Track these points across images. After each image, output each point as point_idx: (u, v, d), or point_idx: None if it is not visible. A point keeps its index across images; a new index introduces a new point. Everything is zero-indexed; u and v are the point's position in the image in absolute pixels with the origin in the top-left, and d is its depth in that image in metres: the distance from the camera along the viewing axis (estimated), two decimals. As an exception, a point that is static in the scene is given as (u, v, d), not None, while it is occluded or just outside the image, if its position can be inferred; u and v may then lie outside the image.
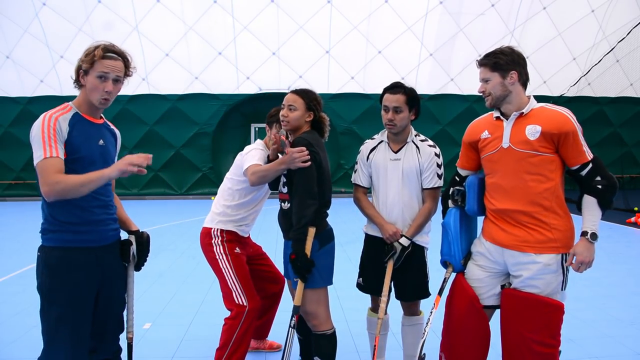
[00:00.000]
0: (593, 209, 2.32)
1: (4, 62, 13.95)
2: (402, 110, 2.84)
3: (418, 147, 2.91)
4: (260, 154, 3.02)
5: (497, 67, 2.37)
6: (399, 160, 2.90)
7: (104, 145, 2.34)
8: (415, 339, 3.00)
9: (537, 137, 2.31)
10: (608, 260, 6.47)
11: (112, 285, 2.38)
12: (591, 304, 4.62)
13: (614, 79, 15.12)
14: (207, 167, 15.01)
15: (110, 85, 2.28)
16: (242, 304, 3.08)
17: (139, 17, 13.56)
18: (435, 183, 2.89)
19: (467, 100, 14.52)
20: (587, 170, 2.32)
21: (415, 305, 3.04)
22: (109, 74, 2.26)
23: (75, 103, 2.32)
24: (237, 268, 3.15)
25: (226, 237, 3.22)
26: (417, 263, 2.93)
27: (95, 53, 2.25)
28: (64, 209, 2.19)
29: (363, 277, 3.04)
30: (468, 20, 14.08)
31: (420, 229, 2.89)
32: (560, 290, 2.36)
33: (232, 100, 14.67)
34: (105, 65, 2.26)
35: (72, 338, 2.19)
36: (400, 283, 2.94)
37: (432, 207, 2.90)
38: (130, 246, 2.49)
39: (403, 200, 2.89)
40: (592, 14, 14.47)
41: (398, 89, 2.88)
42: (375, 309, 3.06)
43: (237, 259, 3.18)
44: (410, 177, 2.89)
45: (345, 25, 13.96)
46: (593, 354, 3.53)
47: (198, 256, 3.13)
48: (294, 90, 2.82)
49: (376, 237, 2.97)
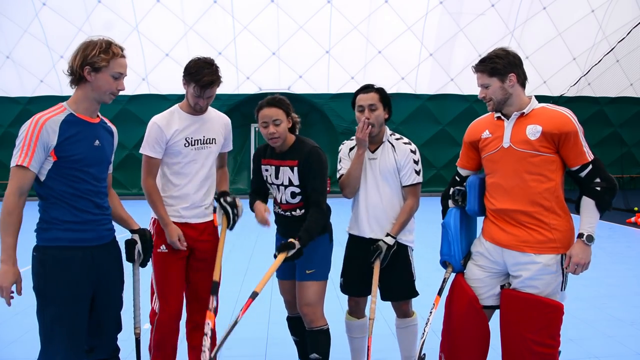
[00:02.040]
0: (591, 210, 2.31)
1: (4, 62, 13.96)
2: (377, 107, 2.87)
3: (394, 145, 2.93)
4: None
5: (495, 72, 2.37)
6: (376, 159, 2.92)
7: (100, 146, 2.29)
8: (410, 340, 3.01)
9: (538, 137, 2.30)
10: (608, 260, 6.47)
11: (109, 284, 2.37)
12: (591, 304, 4.61)
13: (614, 79, 15.11)
14: (207, 167, 15.01)
15: (123, 84, 2.27)
16: (154, 310, 2.81)
17: (139, 17, 13.57)
18: (414, 179, 2.90)
19: (467, 100, 14.51)
20: (586, 171, 2.32)
21: (406, 306, 3.02)
22: (124, 74, 2.25)
23: (70, 103, 2.24)
24: (157, 269, 2.78)
25: (155, 229, 2.82)
26: (402, 262, 2.93)
27: (114, 51, 2.20)
28: (60, 209, 2.18)
29: (345, 277, 3.03)
30: (468, 20, 14.08)
31: (404, 226, 2.89)
32: (560, 291, 2.36)
33: (232, 100, 14.66)
34: (121, 64, 2.24)
35: (68, 338, 2.18)
36: (385, 284, 2.92)
37: (413, 204, 2.91)
38: (135, 245, 2.49)
39: (384, 200, 2.90)
40: (592, 14, 14.47)
41: (370, 89, 2.92)
42: (353, 312, 3.04)
43: (159, 258, 2.77)
44: (388, 176, 2.90)
45: (345, 25, 13.96)
46: (593, 354, 3.52)
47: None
48: (269, 103, 2.74)
49: (359, 237, 2.97)
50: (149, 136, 2.75)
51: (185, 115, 2.79)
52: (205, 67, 2.66)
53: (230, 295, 4.89)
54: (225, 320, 4.22)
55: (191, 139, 2.77)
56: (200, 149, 2.81)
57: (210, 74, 2.66)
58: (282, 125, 2.72)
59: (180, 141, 2.75)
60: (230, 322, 2.43)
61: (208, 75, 2.65)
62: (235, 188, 14.85)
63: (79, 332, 2.23)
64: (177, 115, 2.79)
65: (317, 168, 2.75)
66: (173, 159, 2.78)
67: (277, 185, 2.84)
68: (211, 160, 2.88)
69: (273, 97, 2.78)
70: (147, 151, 2.75)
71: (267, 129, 2.72)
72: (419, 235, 3.12)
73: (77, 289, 2.21)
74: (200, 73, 2.65)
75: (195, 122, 2.81)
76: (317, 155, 2.76)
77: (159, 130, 2.73)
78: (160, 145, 2.74)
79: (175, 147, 2.75)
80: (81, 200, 2.21)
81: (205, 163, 2.84)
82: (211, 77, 2.66)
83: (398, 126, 14.47)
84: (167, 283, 2.78)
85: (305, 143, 2.81)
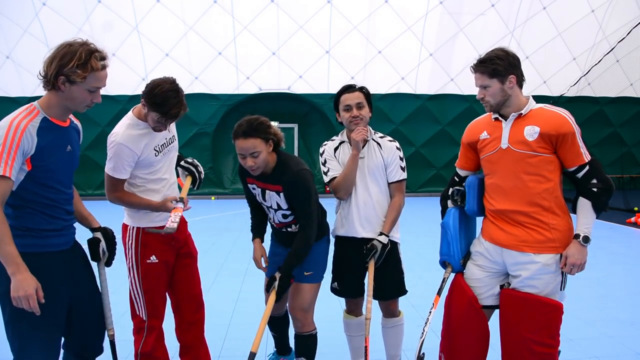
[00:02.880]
0: (587, 211, 2.32)
1: (4, 62, 13.95)
2: (363, 105, 2.90)
3: (379, 143, 2.95)
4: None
5: (496, 74, 2.36)
6: (363, 158, 2.92)
7: (71, 151, 2.20)
8: (397, 339, 3.03)
9: (536, 138, 2.31)
10: (608, 260, 6.47)
11: (84, 284, 2.33)
12: (591, 304, 4.61)
13: (614, 79, 15.10)
14: (207, 167, 15.00)
15: (100, 97, 2.11)
16: (142, 318, 2.72)
17: (139, 17, 13.56)
18: (400, 176, 2.94)
19: (467, 100, 14.50)
20: (583, 172, 2.33)
21: (394, 305, 3.03)
22: (102, 87, 2.10)
23: (42, 106, 2.10)
24: (147, 280, 2.69)
25: (141, 240, 2.68)
26: (393, 260, 2.94)
27: (93, 66, 2.03)
28: (34, 217, 2.09)
29: (338, 280, 3.03)
30: (468, 20, 14.08)
31: (395, 223, 2.91)
32: (559, 291, 2.37)
33: (232, 100, 14.67)
34: (99, 78, 2.07)
35: (47, 344, 2.12)
36: (377, 283, 2.91)
37: (400, 200, 2.94)
38: (99, 243, 2.41)
39: (372, 198, 2.92)
40: (592, 14, 14.46)
41: (354, 88, 2.93)
42: (352, 310, 3.05)
43: (150, 268, 2.68)
44: (376, 174, 2.92)
45: (345, 25, 13.95)
46: (593, 354, 3.52)
47: (200, 255, 3.11)
48: (245, 133, 2.55)
49: (347, 237, 2.97)
50: (118, 159, 2.54)
51: (145, 125, 2.60)
52: (172, 96, 2.47)
53: (231, 295, 4.90)
54: (225, 319, 4.25)
55: (159, 146, 2.67)
56: (167, 152, 2.74)
57: (177, 106, 2.49)
58: (261, 156, 2.58)
59: (150, 153, 2.63)
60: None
61: (175, 108, 2.49)
62: (235, 188, 14.87)
63: (57, 338, 2.18)
64: (138, 129, 2.59)
65: (302, 194, 2.66)
66: (146, 170, 2.67)
67: (267, 206, 2.84)
68: (174, 157, 2.86)
69: (249, 123, 2.58)
70: (117, 174, 2.57)
71: (245, 161, 2.60)
72: (419, 235, 3.13)
73: (55, 294, 2.11)
74: (167, 105, 2.47)
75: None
76: (301, 180, 2.65)
77: (131, 153, 2.55)
78: (131, 165, 2.59)
79: (147, 160, 2.63)
80: (54, 208, 2.15)
81: (172, 162, 2.83)
82: (178, 110, 2.50)
83: (398, 126, 14.49)
84: (158, 291, 2.75)
85: (288, 167, 2.68)
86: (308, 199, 2.67)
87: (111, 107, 12.85)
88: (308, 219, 2.68)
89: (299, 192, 2.67)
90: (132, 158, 2.56)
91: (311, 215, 2.69)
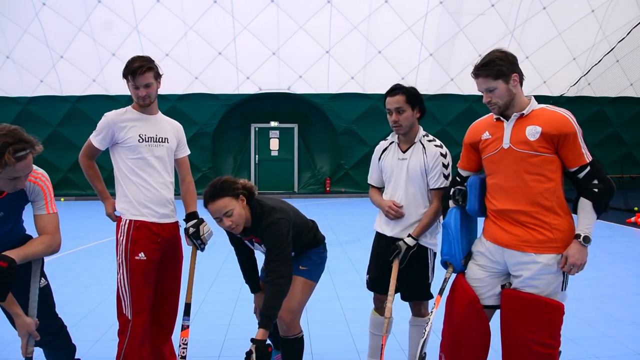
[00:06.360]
0: (588, 212, 2.31)
1: (4, 62, 13.94)
2: (404, 110, 2.88)
3: (424, 146, 2.94)
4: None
5: (500, 75, 2.36)
6: (406, 160, 2.94)
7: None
8: (417, 339, 3.01)
9: (537, 138, 2.31)
10: (608, 260, 6.48)
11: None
12: (591, 304, 4.61)
13: (614, 79, 15.10)
14: (207, 167, 15.00)
15: (24, 183, 2.15)
16: (128, 317, 2.75)
17: (139, 17, 13.56)
18: (441, 183, 2.90)
19: (467, 100, 14.51)
20: (584, 172, 2.32)
21: (419, 306, 3.05)
22: (24, 175, 2.11)
23: None
24: (134, 276, 2.74)
25: (132, 236, 2.77)
26: (419, 264, 2.93)
27: (7, 161, 1.99)
28: None
29: (369, 273, 3.08)
30: (468, 20, 14.08)
31: (426, 229, 2.89)
32: (560, 291, 2.36)
33: (232, 100, 14.67)
34: (16, 170, 2.06)
35: None
36: (404, 283, 2.96)
37: (438, 207, 2.89)
38: None
39: (409, 200, 2.92)
40: (592, 14, 14.47)
41: (396, 90, 2.92)
42: (379, 309, 3.07)
43: (138, 265, 2.75)
44: (415, 177, 2.91)
45: (345, 25, 13.96)
46: (593, 354, 3.52)
47: (200, 255, 3.12)
48: (212, 197, 2.57)
49: (382, 235, 3.01)
50: (100, 127, 2.88)
51: (137, 113, 2.90)
52: (137, 58, 2.83)
53: (231, 296, 4.90)
54: (225, 319, 4.24)
55: (145, 136, 2.86)
56: (154, 146, 2.89)
57: (140, 61, 2.79)
58: (235, 212, 2.57)
59: (134, 136, 2.83)
60: None
61: (138, 62, 2.78)
62: (235, 188, 14.84)
63: None
64: (129, 113, 2.91)
65: (273, 246, 2.62)
66: (130, 155, 2.85)
67: (261, 251, 2.85)
68: (168, 158, 2.95)
69: (213, 186, 2.60)
70: (93, 139, 2.89)
71: (222, 224, 2.60)
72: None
73: None
74: (132, 63, 2.78)
75: (147, 121, 2.90)
76: (271, 233, 2.62)
77: (111, 123, 2.85)
78: (109, 135, 2.85)
79: (129, 142, 2.83)
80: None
81: (164, 160, 2.93)
82: (140, 63, 2.77)
83: (398, 126, 14.47)
84: (145, 290, 2.79)
85: (262, 219, 2.66)
86: (277, 250, 2.60)
87: (111, 107, 12.79)
88: (279, 265, 2.59)
89: (270, 245, 2.64)
90: (110, 129, 2.85)
91: (282, 262, 2.60)
